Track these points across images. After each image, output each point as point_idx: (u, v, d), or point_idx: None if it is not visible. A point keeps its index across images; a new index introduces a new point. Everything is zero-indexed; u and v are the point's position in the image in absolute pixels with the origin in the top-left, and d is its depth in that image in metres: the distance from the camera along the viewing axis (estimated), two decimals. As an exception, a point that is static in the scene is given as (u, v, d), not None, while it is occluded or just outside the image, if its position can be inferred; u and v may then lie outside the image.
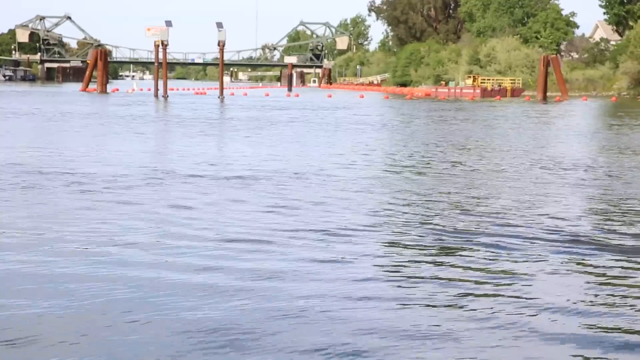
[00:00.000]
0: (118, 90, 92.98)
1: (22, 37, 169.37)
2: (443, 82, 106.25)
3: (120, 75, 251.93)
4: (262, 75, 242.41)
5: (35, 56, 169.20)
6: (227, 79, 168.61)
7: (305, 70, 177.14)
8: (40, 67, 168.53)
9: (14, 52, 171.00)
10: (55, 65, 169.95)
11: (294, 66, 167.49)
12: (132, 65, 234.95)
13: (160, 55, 76.32)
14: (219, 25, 77.84)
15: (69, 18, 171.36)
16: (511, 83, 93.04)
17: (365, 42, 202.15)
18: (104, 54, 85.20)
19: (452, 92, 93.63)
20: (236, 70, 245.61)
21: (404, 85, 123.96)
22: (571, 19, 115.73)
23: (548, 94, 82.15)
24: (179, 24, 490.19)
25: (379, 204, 13.09)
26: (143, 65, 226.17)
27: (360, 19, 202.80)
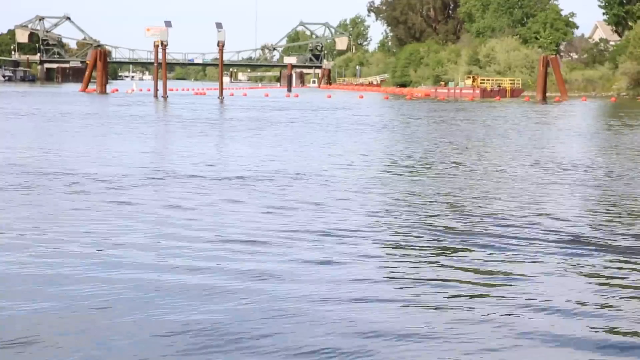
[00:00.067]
0: (117, 90, 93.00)
1: (22, 37, 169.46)
2: (442, 83, 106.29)
3: (120, 76, 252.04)
4: (262, 75, 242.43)
5: (35, 56, 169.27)
6: (226, 79, 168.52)
7: (305, 71, 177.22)
8: (39, 67, 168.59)
9: (13, 53, 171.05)
10: (54, 65, 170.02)
11: (293, 66, 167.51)
12: (131, 65, 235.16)
13: (160, 56, 76.34)
14: (219, 25, 77.87)
15: (69, 18, 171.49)
16: (511, 83, 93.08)
17: (365, 43, 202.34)
18: (103, 54, 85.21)
19: (452, 93, 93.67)
20: (236, 70, 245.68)
21: (404, 85, 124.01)
22: (570, 19, 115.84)
23: (547, 94, 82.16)
24: (178, 25, 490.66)
25: (379, 204, 13.09)
26: (142, 65, 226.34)
27: (359, 20, 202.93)
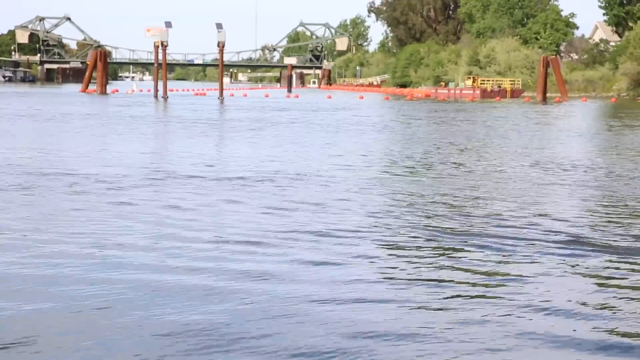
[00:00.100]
0: (118, 91, 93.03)
1: (22, 38, 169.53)
2: (443, 83, 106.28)
3: (120, 76, 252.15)
4: (262, 76, 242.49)
5: (35, 57, 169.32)
6: (226, 80, 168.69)
7: (305, 71, 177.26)
8: (39, 68, 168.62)
9: (13, 53, 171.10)
10: (54, 66, 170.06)
11: (293, 67, 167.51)
12: (131, 66, 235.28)
13: (160, 56, 76.35)
14: (219, 26, 77.84)
15: (69, 19, 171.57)
16: (511, 84, 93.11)
17: (365, 43, 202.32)
18: (103, 54, 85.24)
19: (452, 93, 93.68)
20: (236, 71, 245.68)
21: (404, 86, 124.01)
22: (571, 19, 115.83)
23: (548, 95, 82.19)
24: (178, 25, 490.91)
25: (379, 205, 13.09)
26: (143, 66, 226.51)
27: (359, 20, 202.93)
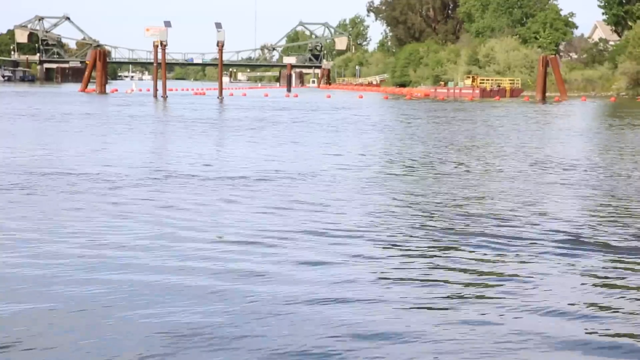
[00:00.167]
0: (117, 90, 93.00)
1: (21, 37, 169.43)
2: (442, 83, 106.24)
3: (119, 76, 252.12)
4: (261, 75, 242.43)
5: (34, 57, 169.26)
6: (226, 79, 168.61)
7: (304, 71, 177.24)
8: (39, 67, 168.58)
9: (12, 53, 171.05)
10: (54, 65, 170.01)
11: (293, 66, 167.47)
12: (131, 65, 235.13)
13: (159, 56, 76.34)
14: (218, 25, 77.85)
15: (68, 18, 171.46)
16: (510, 83, 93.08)
17: (364, 43, 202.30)
18: (103, 54, 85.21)
19: (451, 93, 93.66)
20: (235, 70, 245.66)
21: (403, 85, 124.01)
22: (570, 19, 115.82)
23: (547, 94, 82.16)
24: (178, 25, 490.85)
25: (379, 205, 13.09)
26: (142, 65, 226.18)
27: (359, 20, 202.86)
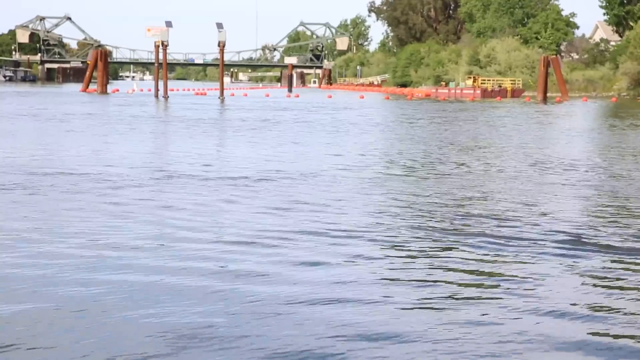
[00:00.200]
0: (118, 90, 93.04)
1: (22, 37, 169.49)
2: (443, 83, 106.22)
3: (121, 76, 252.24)
4: (262, 75, 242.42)
5: (36, 57, 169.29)
6: (227, 79, 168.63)
7: (306, 71, 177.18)
8: (40, 67, 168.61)
9: (14, 53, 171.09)
10: (55, 65, 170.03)
11: (294, 67, 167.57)
12: (132, 65, 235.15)
13: (161, 56, 76.36)
14: (219, 25, 77.83)
15: (69, 19, 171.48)
16: (511, 84, 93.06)
17: (366, 43, 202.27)
18: (104, 54, 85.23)
19: (453, 93, 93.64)
20: (236, 70, 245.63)
21: (404, 85, 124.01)
22: (571, 19, 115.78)
23: (548, 94, 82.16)
24: (179, 25, 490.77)
25: (379, 205, 13.10)
26: (143, 65, 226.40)
27: (360, 20, 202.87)
